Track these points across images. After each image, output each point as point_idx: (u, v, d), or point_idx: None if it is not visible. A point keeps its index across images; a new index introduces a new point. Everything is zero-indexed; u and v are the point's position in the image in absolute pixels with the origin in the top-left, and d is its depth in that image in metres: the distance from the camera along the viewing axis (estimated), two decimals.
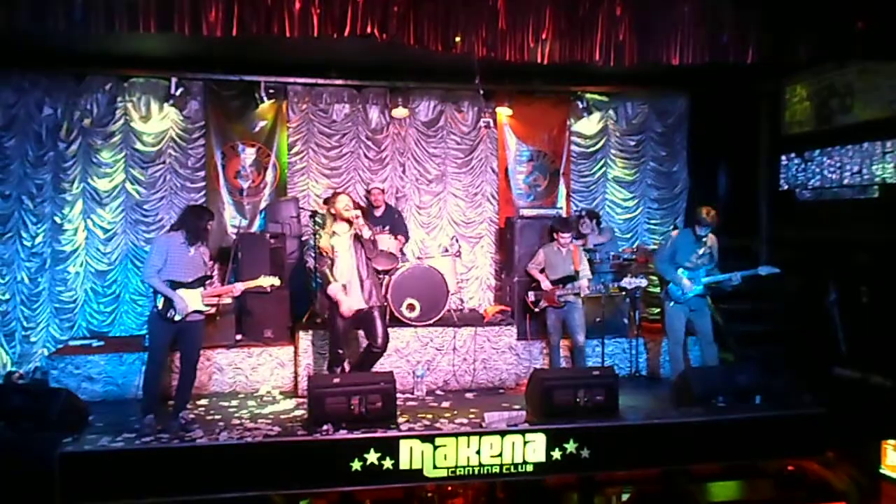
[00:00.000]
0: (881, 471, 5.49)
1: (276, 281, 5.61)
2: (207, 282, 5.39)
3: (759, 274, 5.88)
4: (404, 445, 4.89)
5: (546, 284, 6.41)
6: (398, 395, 5.58)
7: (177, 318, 5.14)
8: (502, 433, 5.03)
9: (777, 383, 5.94)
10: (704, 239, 6.01)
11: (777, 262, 6.01)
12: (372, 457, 4.84)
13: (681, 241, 6.16)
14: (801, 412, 5.54)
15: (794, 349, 6.81)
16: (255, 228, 7.63)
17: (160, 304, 5.14)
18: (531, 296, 6.56)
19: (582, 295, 6.34)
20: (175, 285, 5.14)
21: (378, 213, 7.28)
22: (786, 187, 7.53)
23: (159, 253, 5.17)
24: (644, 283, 6.45)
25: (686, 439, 5.29)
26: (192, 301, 5.20)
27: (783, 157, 7.52)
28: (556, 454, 5.05)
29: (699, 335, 6.18)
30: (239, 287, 5.52)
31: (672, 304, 6.12)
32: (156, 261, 5.14)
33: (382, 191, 7.37)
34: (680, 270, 6.04)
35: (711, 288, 6.09)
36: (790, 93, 7.44)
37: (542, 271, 6.50)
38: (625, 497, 6.03)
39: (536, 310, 6.54)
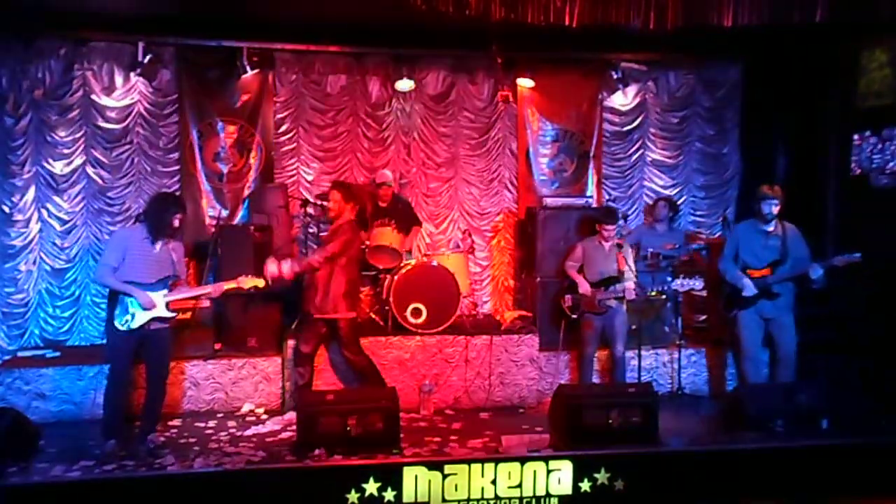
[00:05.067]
0: None
1: (258, 282, 5.56)
2: (172, 283, 5.30)
3: (835, 265, 5.74)
4: (408, 473, 4.81)
5: (585, 287, 6.34)
6: (402, 414, 5.58)
7: (132, 326, 5.11)
8: (522, 460, 4.97)
9: (847, 404, 5.87)
10: (771, 228, 5.88)
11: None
12: (371, 487, 4.78)
13: (743, 233, 6.06)
14: (877, 440, 5.41)
15: (868, 364, 6.70)
16: (237, 220, 7.63)
17: (114, 311, 5.12)
18: (568, 300, 6.48)
19: (627, 299, 6.29)
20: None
21: (383, 203, 7.25)
22: (858, 171, 7.42)
23: (116, 249, 5.16)
24: (699, 284, 6.37)
25: (737, 470, 5.19)
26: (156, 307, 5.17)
27: (856, 136, 7.41)
28: (586, 485, 4.98)
29: (776, 350, 6.09)
30: (213, 290, 5.43)
31: (739, 311, 6.01)
32: (110, 258, 5.14)
33: (390, 186, 7.33)
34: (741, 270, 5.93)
35: (793, 290, 5.97)
36: (867, 58, 7.32)
37: (579, 271, 6.43)
38: None
39: (574, 317, 6.46)
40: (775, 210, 5.90)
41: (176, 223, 5.22)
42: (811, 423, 5.67)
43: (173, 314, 5.31)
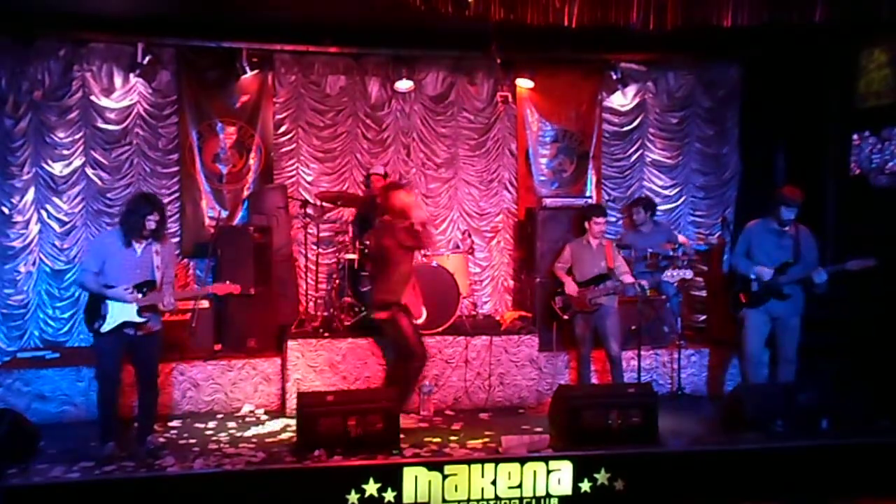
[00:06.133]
0: None
1: (233, 289, 5.48)
2: (148, 289, 5.15)
3: (848, 270, 5.73)
4: (408, 474, 4.83)
5: (571, 287, 6.35)
6: (402, 414, 5.59)
7: (103, 330, 5.09)
8: (522, 460, 4.98)
9: (847, 405, 5.86)
10: (787, 228, 5.89)
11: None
12: (371, 487, 4.79)
13: (756, 232, 6.06)
14: (877, 440, 5.42)
15: (868, 364, 6.69)
16: (237, 221, 7.63)
17: (89, 314, 5.11)
18: (558, 301, 6.49)
19: (632, 288, 6.25)
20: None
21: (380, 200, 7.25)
22: (858, 171, 7.42)
23: (94, 255, 5.18)
24: (689, 274, 6.37)
25: (737, 471, 5.19)
26: (126, 311, 5.10)
27: (855, 136, 7.39)
28: (585, 486, 4.99)
29: (778, 351, 6.08)
30: (167, 302, 5.19)
31: (748, 310, 6.01)
32: (90, 263, 5.14)
33: (384, 177, 7.34)
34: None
35: (803, 292, 5.96)
36: (867, 58, 7.31)
37: (569, 272, 6.43)
38: None
39: (566, 317, 6.46)
40: (793, 216, 5.90)
41: (151, 224, 5.08)
42: (811, 423, 5.66)
43: (144, 319, 5.15)
